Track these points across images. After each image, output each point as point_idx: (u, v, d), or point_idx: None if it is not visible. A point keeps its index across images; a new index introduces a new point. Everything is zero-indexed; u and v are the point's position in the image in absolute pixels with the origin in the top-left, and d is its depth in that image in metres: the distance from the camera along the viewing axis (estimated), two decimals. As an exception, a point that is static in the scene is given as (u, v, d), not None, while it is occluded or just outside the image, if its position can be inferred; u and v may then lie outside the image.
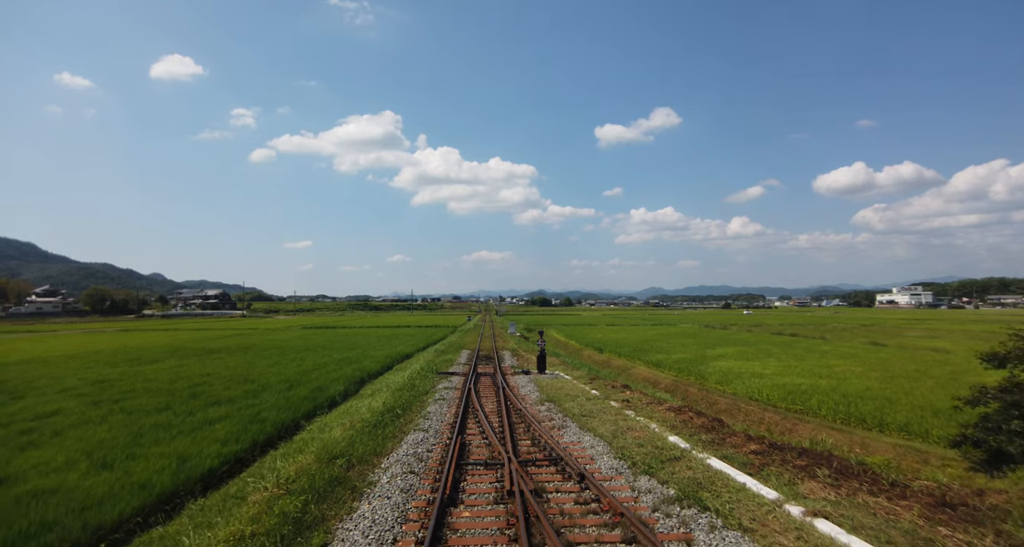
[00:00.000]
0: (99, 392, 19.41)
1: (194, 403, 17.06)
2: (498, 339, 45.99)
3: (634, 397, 14.77)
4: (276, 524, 6.37)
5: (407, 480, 7.94)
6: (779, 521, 6.15)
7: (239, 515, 6.89)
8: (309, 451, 9.97)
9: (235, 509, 7.42)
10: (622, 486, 7.59)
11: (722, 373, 24.64)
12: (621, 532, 5.97)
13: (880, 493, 7.10)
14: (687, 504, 6.70)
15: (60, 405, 16.99)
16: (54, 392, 19.54)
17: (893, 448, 13.22)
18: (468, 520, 6.48)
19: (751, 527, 6.00)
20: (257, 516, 6.68)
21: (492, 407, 13.57)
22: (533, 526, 6.05)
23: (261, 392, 19.02)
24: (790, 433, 14.38)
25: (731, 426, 11.28)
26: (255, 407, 16.33)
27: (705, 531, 5.94)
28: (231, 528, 6.33)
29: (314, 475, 8.20)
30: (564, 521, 6.33)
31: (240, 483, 9.73)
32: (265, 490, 7.86)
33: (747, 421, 16.44)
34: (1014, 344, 9.79)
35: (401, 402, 14.64)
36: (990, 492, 7.05)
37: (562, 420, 11.99)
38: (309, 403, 17.31)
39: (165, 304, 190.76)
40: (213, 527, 6.70)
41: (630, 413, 12.56)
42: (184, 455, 11.19)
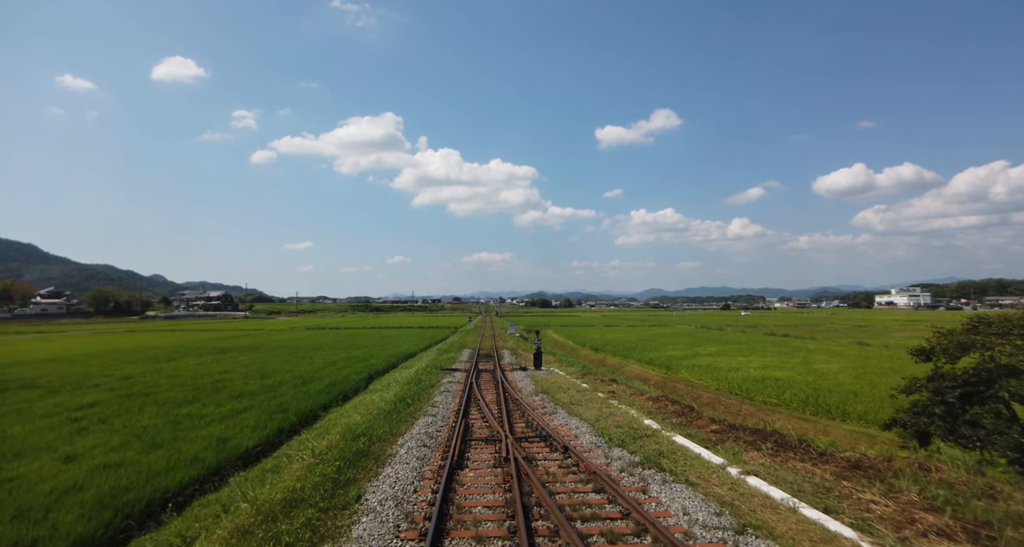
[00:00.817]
0: (128, 387, 20.98)
1: (219, 396, 18.65)
2: (498, 339, 47.60)
3: (619, 389, 16.42)
4: (318, 482, 7.99)
5: (421, 451, 9.58)
6: (718, 478, 7.77)
7: (287, 476, 8.51)
8: (334, 432, 11.61)
9: (281, 473, 9.04)
10: (598, 456, 9.21)
11: (706, 369, 26.26)
12: (592, 485, 7.60)
13: (808, 460, 8.71)
14: (648, 467, 8.32)
15: (96, 398, 18.57)
16: (87, 387, 21.11)
17: (850, 434, 14.85)
18: (472, 478, 8.12)
19: (695, 482, 7.61)
20: (302, 476, 8.30)
21: (492, 397, 15.19)
22: (524, 482, 7.66)
23: (278, 387, 20.61)
24: (762, 422, 15.99)
25: (700, 412, 12.92)
26: (276, 399, 17.92)
27: (658, 484, 7.56)
28: (284, 484, 7.96)
29: (342, 448, 9.83)
30: (549, 478, 7.96)
31: (275, 460, 11.35)
32: (303, 460, 9.50)
33: (726, 412, 18.02)
34: (937, 340, 11.40)
35: (410, 394, 16.27)
36: (897, 459, 8.65)
37: (553, 407, 13.64)
38: (324, 396, 18.91)
39: (168, 305, 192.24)
40: (268, 484, 8.33)
41: (614, 402, 14.20)
42: (222, 437, 12.81)
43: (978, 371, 10.19)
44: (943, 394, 10.60)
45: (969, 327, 11.21)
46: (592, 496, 7.24)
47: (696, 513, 6.48)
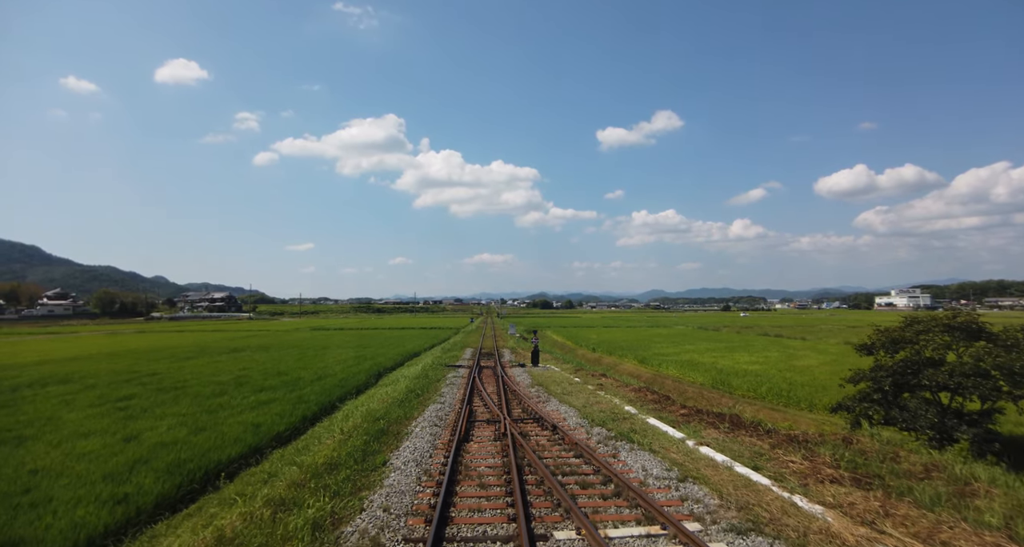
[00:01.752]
0: (158, 382, 22.78)
1: (243, 390, 20.43)
2: (499, 339, 49.39)
3: (607, 382, 18.23)
4: (351, 451, 9.79)
5: (433, 430, 11.39)
6: (677, 447, 9.56)
7: (324, 448, 10.33)
8: (356, 416, 13.43)
9: (317, 447, 10.85)
10: (581, 432, 11.01)
11: (694, 366, 28.04)
12: (573, 453, 9.41)
13: (755, 435, 10.49)
14: (621, 440, 10.13)
15: (132, 391, 20.38)
16: (119, 382, 22.91)
17: (812, 421, 16.61)
18: (476, 448, 9.94)
19: (657, 450, 9.40)
20: (336, 448, 10.10)
21: (492, 389, 16.97)
22: (518, 450, 9.44)
23: (296, 382, 22.39)
24: (732, 409, 17.77)
25: (674, 400, 14.75)
26: (295, 393, 19.71)
27: (626, 451, 9.36)
28: (324, 453, 9.77)
29: (366, 428, 11.64)
30: (539, 448, 9.77)
31: (304, 441, 13.16)
32: (333, 437, 11.32)
33: (706, 403, 19.79)
34: (877, 337, 13.18)
35: (419, 386, 18.09)
36: (828, 435, 10.44)
37: (546, 397, 15.45)
38: (339, 390, 20.71)
39: (172, 307, 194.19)
40: (309, 454, 10.13)
41: (601, 393, 16.01)
42: (255, 423, 14.61)
43: (907, 363, 11.96)
44: (880, 383, 12.37)
45: (903, 326, 12.98)
46: (572, 459, 9.04)
47: (652, 470, 8.28)
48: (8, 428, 13.98)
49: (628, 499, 7.07)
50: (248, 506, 7.38)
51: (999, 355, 10.81)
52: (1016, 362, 10.53)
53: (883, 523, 5.96)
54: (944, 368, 11.23)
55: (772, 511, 6.43)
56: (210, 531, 6.61)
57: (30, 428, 14.05)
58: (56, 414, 16.04)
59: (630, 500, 7.01)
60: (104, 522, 8.11)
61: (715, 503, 6.81)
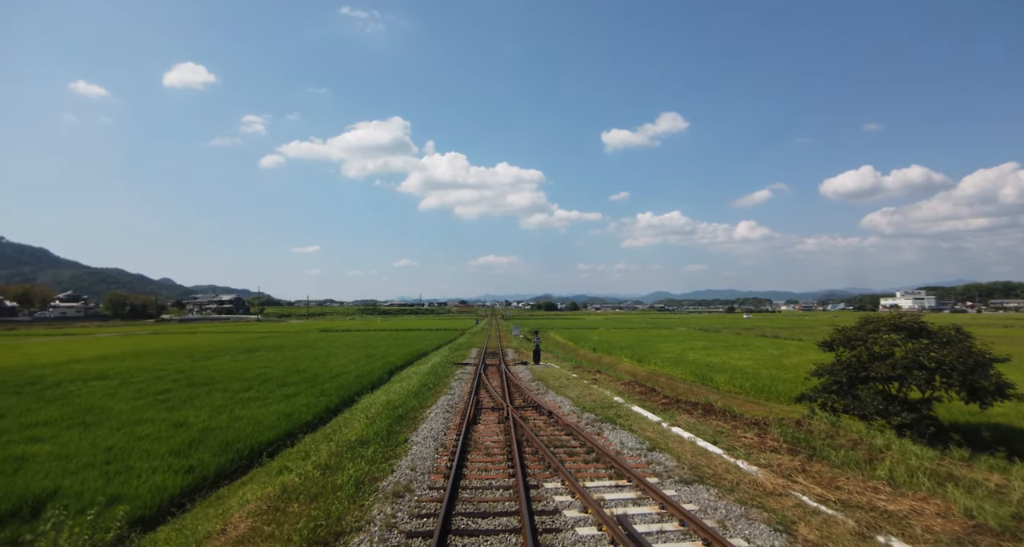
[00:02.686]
0: (188, 378, 24.65)
1: (267, 386, 22.26)
2: (503, 340, 51.20)
3: (601, 378, 20.00)
4: (376, 432, 11.59)
5: (445, 415, 13.20)
6: (652, 428, 11.32)
7: (353, 430, 12.14)
8: (377, 405, 15.26)
9: (346, 430, 12.66)
10: (573, 417, 12.79)
11: (687, 364, 29.71)
12: (564, 432, 11.20)
13: (722, 420, 12.23)
14: (606, 422, 11.90)
15: (166, 386, 22.24)
16: (152, 378, 24.80)
17: (784, 412, 18.24)
18: (483, 428, 11.75)
19: (635, 430, 11.17)
20: (364, 430, 11.91)
21: (497, 383, 18.76)
22: (518, 430, 11.22)
23: (315, 379, 24.22)
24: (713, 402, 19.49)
25: (659, 392, 16.49)
26: (316, 388, 21.52)
27: (609, 430, 11.14)
28: (354, 433, 11.58)
29: (387, 414, 13.46)
30: (535, 428, 11.55)
31: (331, 427, 14.97)
32: (360, 422, 13.14)
33: (692, 396, 21.46)
34: (836, 335, 14.88)
35: (431, 381, 19.91)
36: (786, 419, 12.17)
37: (545, 389, 17.25)
38: (356, 385, 22.53)
39: (181, 309, 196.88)
40: (342, 433, 11.94)
41: (595, 386, 17.78)
42: (286, 412, 16.43)
43: (859, 358, 13.66)
44: (837, 376, 14.07)
45: (858, 326, 14.67)
46: (563, 436, 10.83)
47: (628, 443, 10.05)
48: (71, 416, 15.86)
49: (605, 463, 8.84)
50: (300, 469, 9.19)
51: (934, 350, 12.48)
52: (947, 357, 12.20)
53: (798, 476, 7.70)
54: (888, 362, 12.90)
55: (716, 470, 8.18)
56: (275, 485, 8.42)
57: (89, 416, 15.93)
58: (106, 405, 17.90)
59: (606, 463, 8.78)
60: (179, 485, 9.95)
61: (673, 465, 8.57)
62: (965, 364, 12.08)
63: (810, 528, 5.87)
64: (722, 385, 24.10)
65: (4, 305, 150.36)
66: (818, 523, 6.01)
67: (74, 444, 12.60)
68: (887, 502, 6.56)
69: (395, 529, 6.24)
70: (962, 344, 12.55)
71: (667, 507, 6.68)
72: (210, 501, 9.73)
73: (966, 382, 11.98)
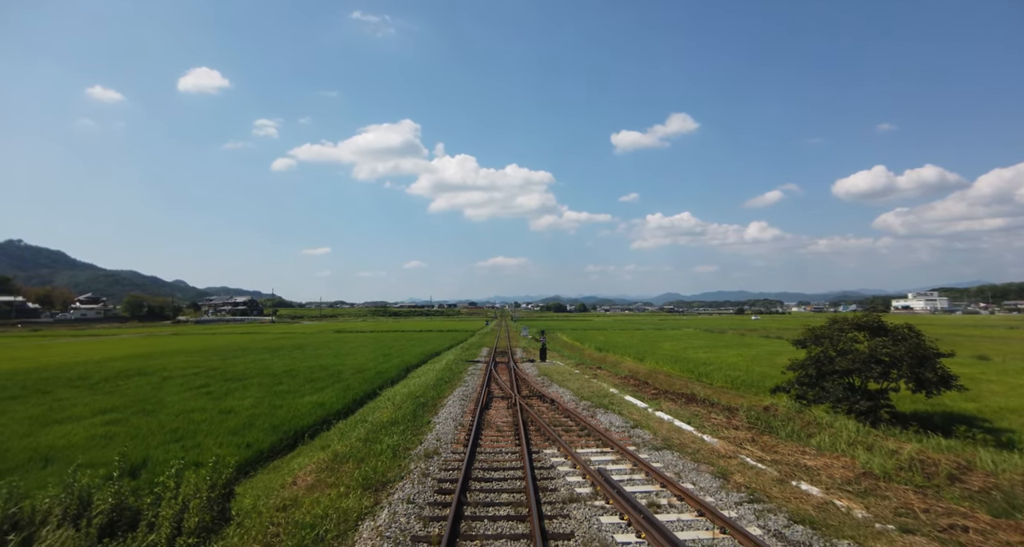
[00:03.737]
0: (221, 375, 26.78)
1: (296, 380, 24.37)
2: (512, 340, 53.20)
3: (601, 373, 21.93)
4: (403, 415, 13.61)
5: (461, 403, 15.22)
6: (639, 412, 13.24)
7: (383, 414, 14.16)
8: (400, 395, 17.29)
9: (375, 415, 14.68)
10: (572, 404, 14.76)
11: (685, 362, 31.51)
12: (563, 415, 13.18)
13: (701, 406, 14.12)
14: (599, 407, 13.86)
15: (204, 381, 24.41)
16: (188, 375, 26.98)
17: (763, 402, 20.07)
18: (494, 413, 13.78)
19: (624, 413, 13.10)
20: (393, 414, 13.94)
21: (506, 378, 20.75)
22: (524, 414, 13.19)
23: (339, 375, 26.29)
24: (702, 394, 21.33)
25: (651, 384, 18.37)
26: (341, 383, 23.59)
27: (602, 413, 13.09)
28: (384, 416, 13.62)
29: (411, 402, 15.48)
30: (539, 413, 13.52)
31: (360, 415, 16.97)
32: (387, 409, 15.17)
33: (683, 388, 23.24)
34: (807, 334, 16.69)
35: (446, 376, 21.94)
36: (756, 405, 14.02)
37: (549, 383, 19.22)
38: (378, 380, 24.59)
39: (197, 311, 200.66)
40: (371, 418, 13.97)
41: (594, 380, 19.73)
42: (319, 402, 18.49)
43: (826, 353, 15.48)
44: (807, 369, 15.89)
45: (827, 325, 16.47)
46: (562, 418, 12.80)
47: (615, 423, 12.00)
48: (130, 405, 18.04)
49: (594, 437, 10.80)
50: (345, 441, 11.22)
51: (888, 347, 14.25)
52: (899, 352, 13.96)
53: (747, 445, 9.60)
54: (849, 357, 14.69)
55: (683, 441, 10.10)
56: (326, 453, 10.45)
57: (147, 405, 18.09)
58: (157, 396, 20.08)
59: (595, 437, 10.74)
60: (243, 456, 12.00)
61: (649, 437, 10.51)
62: (914, 358, 13.88)
63: (742, 476, 7.78)
64: (714, 380, 25.90)
65: (27, 307, 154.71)
66: (750, 474, 7.92)
67: (145, 426, 14.74)
68: (808, 460, 8.44)
69: (429, 477, 8.24)
70: (912, 341, 14.34)
71: (638, 464, 8.61)
72: (268, 469, 11.78)
73: (913, 374, 13.77)
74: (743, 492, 7.16)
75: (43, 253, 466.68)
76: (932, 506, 6.30)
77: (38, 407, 17.70)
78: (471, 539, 5.97)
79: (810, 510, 6.41)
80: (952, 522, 5.80)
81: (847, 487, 7.16)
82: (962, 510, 6.17)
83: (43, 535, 6.57)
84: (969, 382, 22.06)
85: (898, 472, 7.62)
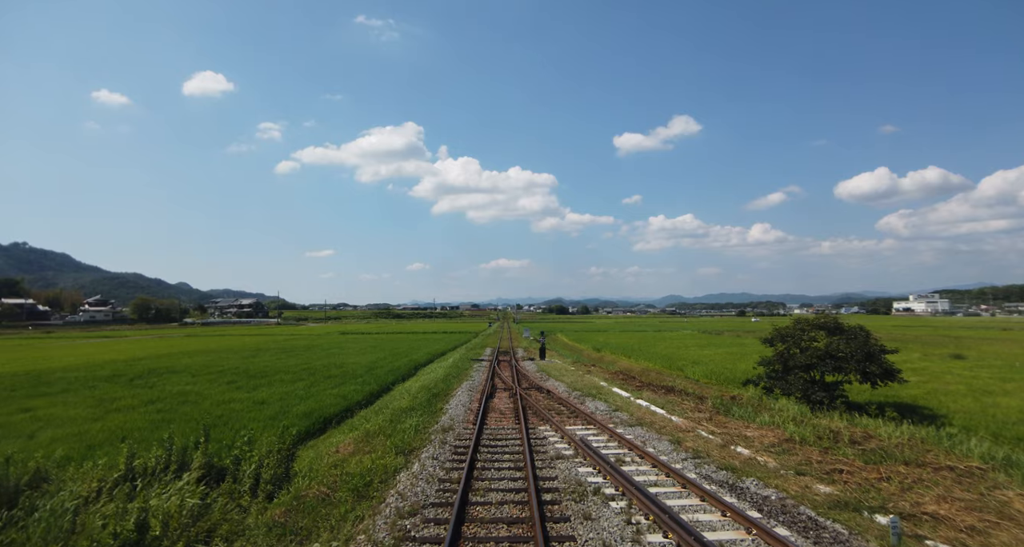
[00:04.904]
0: (244, 372, 28.90)
1: (315, 377, 26.50)
2: (514, 341, 55.38)
3: (594, 370, 24.10)
4: (419, 403, 15.79)
5: (469, 393, 17.41)
6: (622, 399, 15.40)
7: (402, 402, 16.33)
8: (415, 387, 19.47)
9: (394, 404, 16.86)
10: (565, 394, 16.92)
11: (675, 360, 33.62)
12: (557, 402, 15.34)
13: (675, 395, 16.26)
14: (588, 396, 16.02)
15: (231, 377, 26.54)
16: (214, 372, 29.10)
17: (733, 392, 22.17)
18: (497, 401, 15.96)
19: (609, 401, 15.25)
20: (410, 402, 16.12)
21: (508, 373, 22.93)
22: (523, 401, 15.35)
23: (352, 372, 28.40)
24: (684, 387, 23.43)
25: (637, 378, 20.53)
26: (358, 378, 25.72)
27: (589, 401, 15.26)
28: (404, 403, 15.80)
29: (425, 393, 17.65)
30: (536, 400, 15.70)
31: (379, 405, 19.13)
32: (404, 398, 17.35)
33: (666, 383, 25.39)
34: (774, 333, 18.77)
35: (454, 372, 24.14)
36: (724, 395, 16.14)
37: (546, 377, 21.41)
38: (390, 376, 26.73)
39: (203, 313, 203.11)
40: (392, 405, 16.15)
41: (587, 376, 21.91)
42: (341, 395, 20.64)
43: (789, 350, 17.59)
44: (773, 365, 17.99)
45: (791, 325, 18.57)
46: (556, 405, 14.99)
47: (600, 408, 14.18)
48: (171, 397, 20.18)
49: (580, 418, 12.96)
50: (372, 423, 13.40)
51: (841, 344, 16.33)
52: (849, 349, 16.05)
53: (704, 422, 11.75)
54: (808, 353, 16.78)
55: (654, 420, 12.26)
56: (358, 431, 12.62)
57: (188, 397, 20.27)
58: (193, 390, 22.24)
59: (581, 418, 12.91)
60: (282, 439, 14.15)
61: (626, 418, 12.67)
62: (862, 354, 15.97)
63: (693, 443, 9.93)
64: (697, 376, 27.99)
65: (37, 309, 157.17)
66: (699, 441, 10.07)
67: (192, 414, 16.89)
68: (749, 432, 10.58)
69: (447, 444, 10.43)
70: (861, 339, 16.43)
71: (613, 436, 10.77)
72: (307, 447, 13.94)
73: (860, 368, 15.87)
74: (690, 453, 9.32)
75: (48, 255, 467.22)
76: (826, 459, 8.43)
77: (90, 399, 19.89)
78: (482, 480, 8.15)
79: (736, 463, 8.55)
80: (835, 467, 7.94)
81: (771, 449, 9.29)
82: (846, 461, 8.29)
83: (161, 482, 8.76)
84: (933, 376, 24.28)
85: (815, 440, 9.74)
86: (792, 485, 7.36)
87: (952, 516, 5.89)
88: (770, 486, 7.37)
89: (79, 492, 8.00)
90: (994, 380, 23.27)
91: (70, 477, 8.90)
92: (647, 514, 6.51)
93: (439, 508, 7.06)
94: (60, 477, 9.01)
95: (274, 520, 7.23)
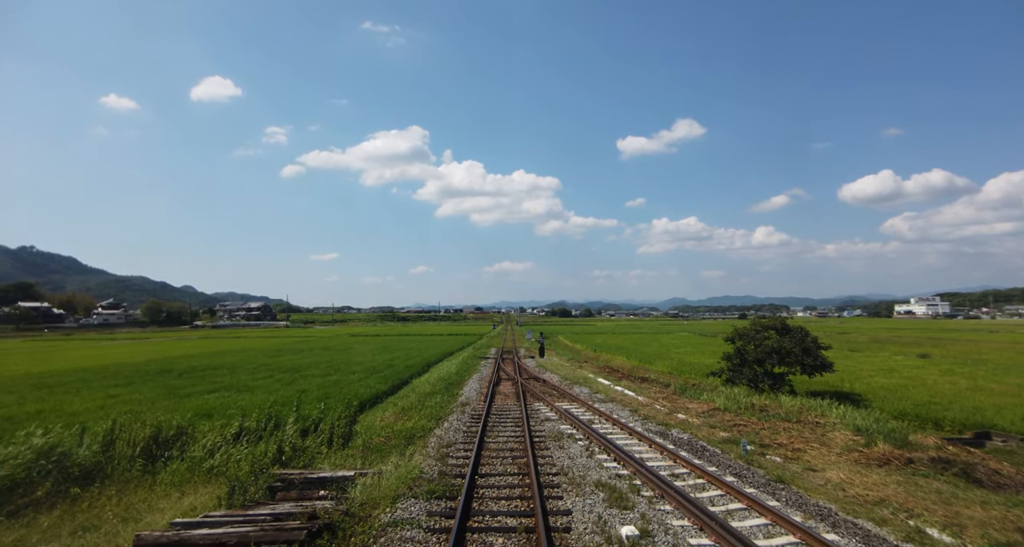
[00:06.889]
0: (276, 368, 32.45)
1: (340, 373, 29.94)
2: (516, 341, 58.98)
3: (586, 365, 27.73)
4: (439, 389, 19.42)
5: (479, 383, 21.05)
6: (604, 386, 18.99)
7: (423, 388, 19.94)
8: (432, 379, 23.10)
9: (417, 390, 20.44)
10: (558, 383, 20.49)
11: (665, 360, 37.13)
12: (551, 388, 18.93)
13: (648, 383, 19.81)
14: (576, 384, 19.64)
15: (266, 373, 30.09)
16: (247, 370, 32.52)
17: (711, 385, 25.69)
18: (503, 387, 19.64)
19: (592, 387, 18.84)
20: (431, 387, 19.72)
21: (511, 368, 26.54)
22: (524, 388, 18.93)
23: (372, 368, 31.90)
24: (656, 377, 26.97)
25: (620, 371, 24.09)
26: (377, 374, 29.22)
27: (577, 388, 18.91)
28: (425, 390, 19.43)
29: (442, 383, 21.25)
30: (534, 387, 19.30)
31: (402, 393, 22.73)
32: (424, 387, 20.96)
33: (645, 375, 28.88)
34: (734, 333, 22.29)
35: (464, 368, 27.77)
36: (691, 383, 19.69)
37: (544, 371, 25.03)
38: (406, 372, 30.23)
39: (212, 316, 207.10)
40: (416, 391, 19.78)
41: (579, 370, 25.50)
42: (369, 385, 24.21)
43: (745, 346, 21.11)
44: (733, 359, 21.53)
45: (749, 326, 22.10)
46: (549, 390, 18.62)
47: (584, 391, 17.79)
48: (225, 387, 23.77)
49: (567, 398, 16.57)
50: (405, 401, 17.00)
51: (786, 342, 19.83)
52: (792, 346, 19.56)
53: (662, 400, 15.31)
54: (760, 349, 20.29)
55: (624, 399, 15.83)
56: (396, 407, 16.22)
57: (239, 386, 23.83)
58: (240, 382, 25.79)
59: (568, 398, 16.51)
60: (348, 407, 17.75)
61: (603, 398, 16.26)
62: (800, 350, 19.50)
63: (647, 411, 13.51)
64: (672, 370, 31.43)
65: (52, 312, 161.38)
66: (652, 410, 13.65)
67: (251, 401, 20.46)
68: (691, 405, 14.15)
69: (465, 413, 14.08)
70: (801, 337, 19.95)
71: (590, 409, 14.35)
72: (358, 420, 17.52)
73: (798, 361, 19.40)
74: (642, 417, 12.93)
75: (55, 259, 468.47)
76: (735, 419, 12.00)
77: (161, 388, 23.44)
78: (493, 431, 11.80)
79: (672, 421, 12.14)
80: (737, 423, 11.50)
81: (701, 414, 12.86)
82: (747, 420, 11.85)
83: (284, 428, 12.42)
84: (885, 371, 27.64)
85: (736, 409, 13.29)
86: (702, 433, 10.93)
87: (789, 443, 9.45)
88: (687, 433, 10.95)
89: (215, 440, 11.70)
90: (938, 374, 26.71)
91: (201, 432, 12.58)
92: (600, 446, 10.12)
93: (465, 444, 10.75)
94: (192, 434, 12.66)
95: (355, 454, 10.87)
